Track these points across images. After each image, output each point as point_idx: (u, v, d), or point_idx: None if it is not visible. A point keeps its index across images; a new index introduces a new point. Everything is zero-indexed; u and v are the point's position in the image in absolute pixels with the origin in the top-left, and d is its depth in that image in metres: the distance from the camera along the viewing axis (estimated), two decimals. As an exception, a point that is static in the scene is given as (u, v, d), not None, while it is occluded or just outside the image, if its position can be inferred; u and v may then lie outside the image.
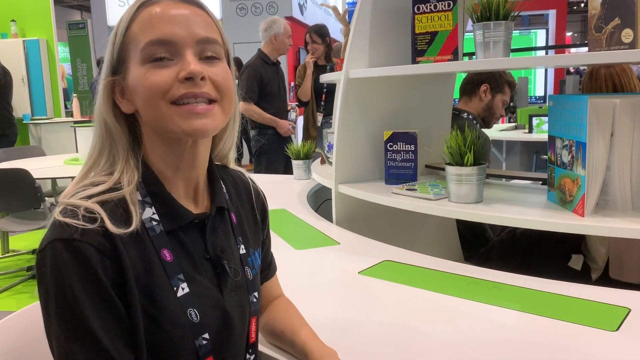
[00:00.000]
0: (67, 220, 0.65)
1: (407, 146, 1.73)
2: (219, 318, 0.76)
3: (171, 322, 0.70)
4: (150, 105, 0.71)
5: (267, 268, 0.99)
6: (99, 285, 0.65)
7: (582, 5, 16.09)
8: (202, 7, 0.75)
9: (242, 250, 0.84)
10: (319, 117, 4.17)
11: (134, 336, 0.67)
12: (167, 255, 0.71)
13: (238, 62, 7.91)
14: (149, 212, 0.72)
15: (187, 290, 0.72)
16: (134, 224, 0.68)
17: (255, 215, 0.92)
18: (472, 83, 2.41)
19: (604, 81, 2.08)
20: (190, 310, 0.71)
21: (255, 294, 0.85)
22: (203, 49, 0.72)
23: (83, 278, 0.64)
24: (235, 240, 0.83)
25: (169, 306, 0.70)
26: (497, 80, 2.39)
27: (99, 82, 0.75)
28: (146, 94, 0.70)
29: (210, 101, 0.72)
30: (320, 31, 4.16)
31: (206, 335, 0.73)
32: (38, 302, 0.69)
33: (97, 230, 0.65)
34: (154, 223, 0.72)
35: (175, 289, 0.71)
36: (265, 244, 0.97)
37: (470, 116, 2.37)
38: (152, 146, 0.75)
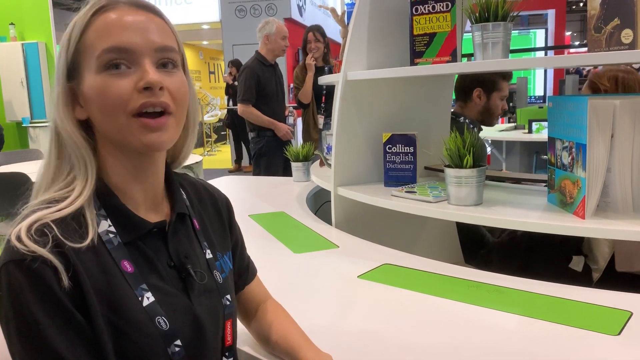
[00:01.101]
0: (19, 242, 0.63)
1: (406, 148, 1.72)
2: (189, 324, 0.75)
3: (140, 333, 0.69)
4: (109, 116, 0.70)
5: (245, 272, 0.98)
6: (57, 303, 0.63)
7: (581, 4, 16.09)
8: (158, 13, 0.75)
9: (209, 255, 0.83)
10: (320, 120, 4.15)
11: (101, 350, 0.66)
12: (127, 266, 0.71)
13: (238, 63, 7.91)
14: (105, 224, 0.71)
15: (152, 299, 0.71)
16: (90, 237, 0.67)
17: (221, 220, 0.91)
18: (464, 90, 2.36)
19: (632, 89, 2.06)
20: (159, 319, 0.70)
21: (228, 296, 0.84)
22: (161, 58, 0.72)
23: (40, 298, 0.63)
24: (200, 245, 0.83)
25: (136, 317, 0.69)
26: (489, 80, 2.33)
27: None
28: (105, 105, 0.69)
29: (164, 113, 0.72)
30: (322, 30, 4.14)
31: (178, 342, 0.72)
32: None
33: (49, 248, 0.64)
34: (111, 235, 0.71)
35: (140, 299, 0.70)
36: (238, 247, 0.96)
37: (467, 120, 2.35)
38: (107, 155, 0.74)
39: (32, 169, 3.28)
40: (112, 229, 0.72)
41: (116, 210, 0.73)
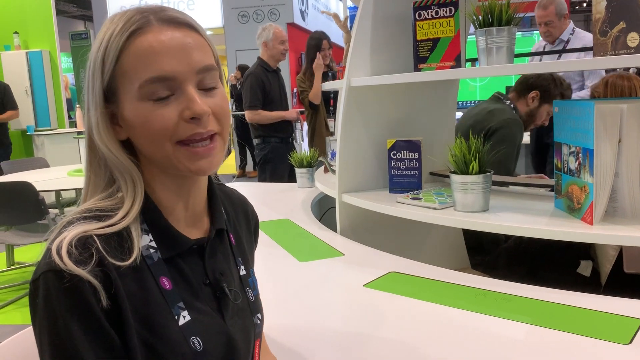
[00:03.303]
0: (60, 258, 0.62)
1: (411, 154, 1.71)
2: (223, 345, 0.74)
3: (173, 352, 0.68)
4: (154, 144, 0.69)
5: None
6: (92, 317, 0.63)
7: (585, 5, 16.05)
8: (194, 28, 0.73)
9: (242, 272, 0.82)
10: (331, 123, 4.16)
11: None
12: (166, 283, 0.70)
13: (244, 69, 7.91)
14: (146, 239, 0.70)
15: (188, 318, 0.70)
16: (134, 256, 0.66)
17: (250, 231, 0.91)
18: (524, 85, 2.35)
19: (620, 93, 2.05)
20: (193, 339, 0.69)
21: (259, 315, 0.83)
22: (203, 79, 0.70)
23: (76, 310, 0.62)
24: (235, 262, 0.82)
25: (170, 335, 0.68)
26: (550, 91, 2.32)
27: (90, 111, 0.71)
28: (150, 134, 0.68)
29: (212, 136, 0.70)
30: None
31: None
32: None
33: (91, 267, 0.63)
34: (152, 251, 0.70)
35: (176, 317, 0.69)
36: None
37: (512, 105, 2.34)
38: (151, 174, 0.73)
39: (37, 178, 3.28)
40: (153, 244, 0.71)
41: (159, 226, 0.72)
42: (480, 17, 1.40)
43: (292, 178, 3.43)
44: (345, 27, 2.33)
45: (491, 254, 2.06)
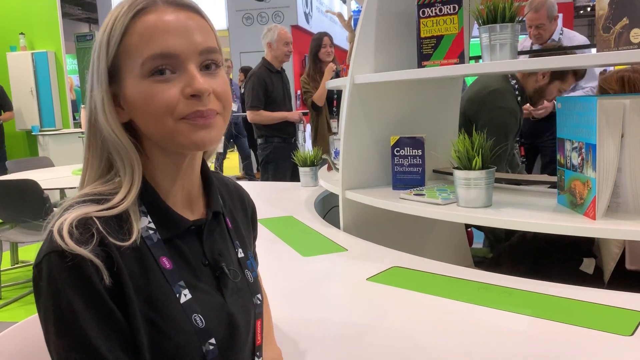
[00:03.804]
0: (62, 239, 0.63)
1: (414, 151, 1.72)
2: (224, 322, 0.75)
3: (176, 329, 0.69)
4: (155, 121, 0.70)
5: None
6: (96, 296, 0.64)
7: (589, 9, 16.06)
8: (198, 11, 0.74)
9: (240, 254, 0.84)
10: (334, 123, 4.17)
11: (135, 345, 0.66)
12: (166, 263, 0.71)
13: (247, 71, 7.94)
14: (145, 221, 0.72)
15: (189, 296, 0.71)
16: (134, 237, 0.68)
17: (247, 218, 0.92)
18: None
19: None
20: (195, 316, 0.71)
21: (259, 295, 0.85)
22: (204, 60, 0.71)
23: (79, 289, 0.63)
24: (233, 244, 0.83)
25: (173, 313, 0.69)
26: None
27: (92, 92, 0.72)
28: (152, 111, 0.69)
29: (213, 113, 0.71)
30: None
31: (212, 341, 0.72)
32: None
33: (92, 247, 0.64)
34: (151, 232, 0.72)
35: (177, 295, 0.70)
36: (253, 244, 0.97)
37: (516, 85, 2.33)
38: (150, 155, 0.75)
39: (42, 177, 3.30)
40: (152, 225, 0.72)
41: (157, 207, 0.73)
42: (484, 15, 1.41)
43: (294, 178, 3.44)
44: (350, 26, 2.34)
45: (493, 252, 2.07)
